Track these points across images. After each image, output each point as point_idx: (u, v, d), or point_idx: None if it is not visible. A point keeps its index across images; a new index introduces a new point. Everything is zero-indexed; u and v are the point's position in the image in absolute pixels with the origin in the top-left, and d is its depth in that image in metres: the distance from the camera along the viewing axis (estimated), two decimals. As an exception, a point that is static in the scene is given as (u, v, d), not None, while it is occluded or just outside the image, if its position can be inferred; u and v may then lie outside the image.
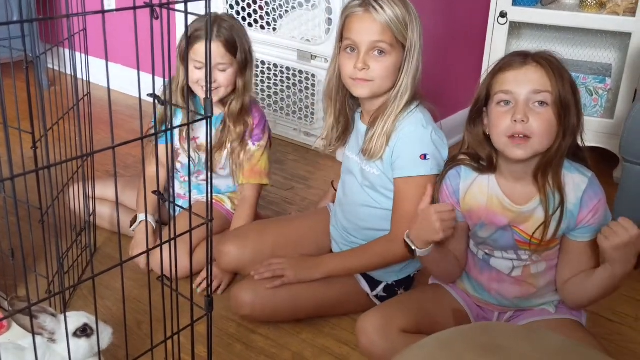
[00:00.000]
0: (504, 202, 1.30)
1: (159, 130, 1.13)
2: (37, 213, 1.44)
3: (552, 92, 1.19)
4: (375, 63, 1.41)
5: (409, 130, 1.43)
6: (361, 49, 1.41)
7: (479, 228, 1.34)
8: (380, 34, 1.39)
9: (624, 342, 1.57)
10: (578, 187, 1.25)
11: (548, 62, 1.22)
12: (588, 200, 1.24)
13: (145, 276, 1.64)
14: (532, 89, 1.20)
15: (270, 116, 2.73)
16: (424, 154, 1.41)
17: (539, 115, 1.20)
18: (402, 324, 1.32)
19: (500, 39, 2.48)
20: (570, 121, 1.22)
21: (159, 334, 1.22)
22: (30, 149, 1.32)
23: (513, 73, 1.23)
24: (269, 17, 2.61)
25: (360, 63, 1.40)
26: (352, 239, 1.59)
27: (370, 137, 1.46)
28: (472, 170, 1.33)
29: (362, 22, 1.41)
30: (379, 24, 1.39)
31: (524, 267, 1.34)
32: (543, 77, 1.20)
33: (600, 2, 2.35)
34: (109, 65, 0.98)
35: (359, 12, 1.41)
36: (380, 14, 1.39)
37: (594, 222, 1.25)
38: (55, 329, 1.13)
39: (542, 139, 1.21)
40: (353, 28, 1.42)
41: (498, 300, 1.39)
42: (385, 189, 1.49)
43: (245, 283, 1.55)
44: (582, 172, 1.27)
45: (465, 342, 0.70)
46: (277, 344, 1.53)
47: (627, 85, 2.31)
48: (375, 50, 1.41)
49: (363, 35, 1.40)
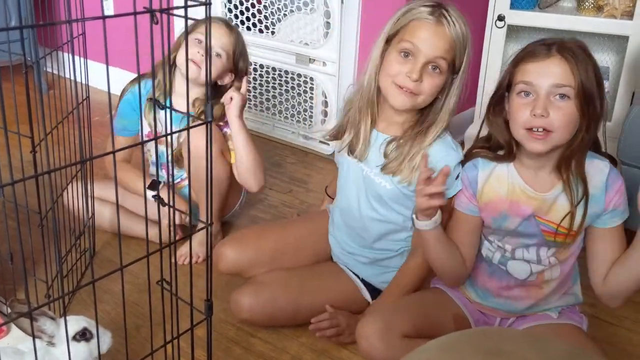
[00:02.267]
0: (527, 190, 1.28)
1: (159, 135, 1.13)
2: (36, 217, 1.43)
3: (575, 86, 1.17)
4: (428, 78, 1.35)
5: (442, 156, 1.38)
6: (419, 59, 1.33)
7: (502, 220, 1.31)
8: (444, 51, 1.33)
9: (622, 344, 1.57)
10: (602, 172, 1.24)
11: (572, 54, 1.18)
12: (612, 182, 1.24)
13: (145, 280, 1.63)
14: (553, 82, 1.18)
15: (268, 119, 2.74)
16: (458, 174, 1.37)
17: (560, 109, 1.18)
18: (403, 328, 1.32)
19: (498, 43, 2.48)
20: (594, 113, 1.20)
21: (159, 338, 1.22)
22: (30, 153, 1.32)
23: (535, 64, 1.20)
24: (267, 21, 2.62)
25: (416, 74, 1.33)
26: (350, 249, 1.58)
27: (397, 156, 1.41)
28: (490, 161, 1.31)
29: (430, 31, 1.33)
30: (448, 40, 1.33)
31: (539, 274, 1.33)
32: (566, 71, 1.17)
33: (597, 5, 2.36)
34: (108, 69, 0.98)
35: (430, 20, 1.33)
36: (452, 29, 1.32)
37: (621, 205, 1.25)
38: (55, 333, 1.13)
39: (562, 133, 1.19)
40: (419, 35, 1.33)
41: (504, 306, 1.39)
42: (395, 202, 1.46)
43: (245, 287, 1.54)
44: (600, 158, 1.27)
45: (468, 347, 0.70)
46: (277, 348, 1.53)
47: (625, 88, 2.32)
48: (432, 65, 1.34)
49: (428, 46, 1.33)
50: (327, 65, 2.49)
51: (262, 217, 2.10)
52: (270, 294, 1.51)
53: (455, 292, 1.45)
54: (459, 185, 1.36)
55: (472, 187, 1.33)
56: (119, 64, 2.98)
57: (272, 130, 2.74)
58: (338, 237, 1.61)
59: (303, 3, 2.46)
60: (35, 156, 1.29)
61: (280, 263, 1.61)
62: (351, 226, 1.56)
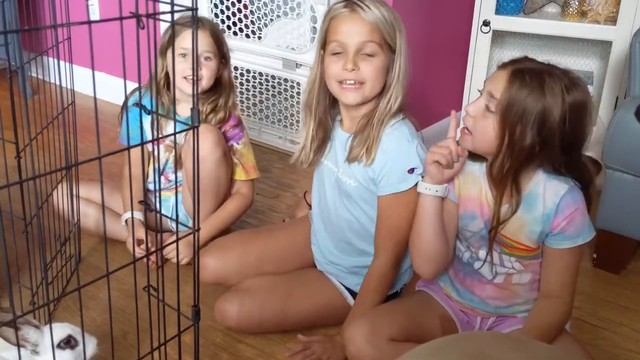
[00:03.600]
0: (487, 195, 1.30)
1: (148, 140, 1.12)
2: (20, 223, 1.42)
3: (499, 100, 1.19)
4: (365, 64, 1.37)
5: (394, 146, 1.40)
6: (349, 51, 1.36)
7: (469, 220, 1.33)
8: (369, 34, 1.35)
9: (608, 347, 1.58)
10: (556, 194, 1.25)
11: (522, 77, 1.18)
12: (564, 206, 1.24)
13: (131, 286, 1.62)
14: (490, 92, 1.21)
15: (255, 124, 2.73)
16: (411, 167, 1.39)
17: (482, 119, 1.22)
18: (390, 331, 1.32)
19: (483, 48, 2.50)
20: (520, 141, 1.18)
21: (145, 345, 1.21)
22: (14, 159, 1.31)
23: (495, 73, 1.24)
24: (254, 26, 2.62)
25: (350, 63, 1.36)
26: (331, 257, 1.58)
27: (358, 142, 1.43)
28: (469, 159, 1.32)
29: (349, 22, 1.36)
30: (368, 23, 1.35)
31: (506, 275, 1.35)
32: (501, 88, 1.18)
33: (581, 10, 2.38)
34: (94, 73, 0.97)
35: (345, 12, 1.37)
36: (368, 12, 1.35)
37: (569, 230, 1.25)
38: (39, 341, 1.12)
39: (477, 139, 1.24)
40: (340, 30, 1.37)
41: (480, 305, 1.40)
42: (362, 200, 1.47)
43: (229, 295, 1.53)
44: (564, 181, 1.26)
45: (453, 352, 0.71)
46: (264, 353, 1.52)
47: (609, 93, 2.35)
48: (361, 52, 1.37)
49: (351, 36, 1.36)
50: (312, 71, 2.49)
51: (249, 223, 2.09)
52: (256, 302, 1.51)
53: (440, 294, 1.46)
54: (413, 180, 1.38)
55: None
56: (105, 68, 2.97)
57: (259, 135, 2.73)
58: (321, 245, 1.61)
59: (290, 8, 2.46)
60: (20, 162, 1.28)
61: (264, 271, 1.60)
62: (330, 232, 1.57)
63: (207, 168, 1.73)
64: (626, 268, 1.89)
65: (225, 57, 1.82)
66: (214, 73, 1.78)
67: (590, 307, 1.72)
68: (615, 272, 1.86)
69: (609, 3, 2.32)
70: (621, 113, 1.70)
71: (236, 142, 1.86)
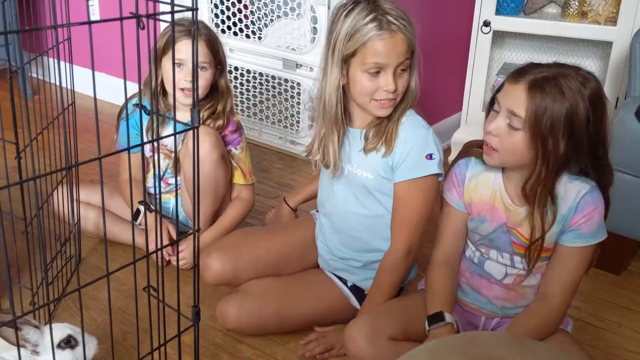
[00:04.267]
0: (505, 198, 1.31)
1: (146, 141, 1.12)
2: (20, 223, 1.42)
3: (525, 118, 1.18)
4: (400, 80, 1.39)
5: (413, 133, 1.42)
6: (388, 71, 1.36)
7: (479, 223, 1.34)
8: (405, 53, 1.37)
9: (608, 348, 1.58)
10: (578, 193, 1.26)
11: (541, 91, 1.18)
12: (584, 205, 1.25)
13: (131, 286, 1.62)
14: (510, 109, 1.20)
15: (255, 125, 2.73)
16: (429, 153, 1.40)
17: (510, 136, 1.21)
18: (390, 331, 1.33)
19: (483, 48, 2.50)
20: (547, 151, 1.20)
21: (145, 345, 1.21)
22: (14, 159, 1.31)
23: (509, 87, 1.22)
24: (254, 26, 2.62)
25: (392, 85, 1.36)
26: (341, 254, 1.58)
27: (374, 134, 1.44)
28: (481, 164, 1.34)
29: (389, 45, 1.35)
30: (405, 42, 1.36)
31: (516, 276, 1.35)
32: (523, 104, 1.18)
33: (581, 11, 2.38)
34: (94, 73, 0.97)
35: (384, 35, 1.34)
36: (404, 31, 1.35)
37: (585, 229, 1.26)
38: (39, 341, 1.12)
39: (505, 155, 1.24)
40: (379, 52, 1.35)
41: (486, 305, 1.40)
42: (379, 192, 1.47)
43: (230, 297, 1.53)
44: (585, 181, 1.27)
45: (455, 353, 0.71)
46: (264, 353, 1.52)
47: (609, 93, 2.34)
48: (401, 67, 1.37)
49: (392, 57, 1.35)
50: (314, 71, 2.49)
51: (249, 223, 2.09)
52: (256, 303, 1.51)
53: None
54: (430, 166, 1.39)
55: (462, 185, 1.36)
56: (105, 69, 2.97)
57: (259, 136, 2.73)
58: (329, 242, 1.60)
59: (290, 9, 2.46)
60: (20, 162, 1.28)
61: (268, 272, 1.59)
62: (340, 230, 1.56)
63: (205, 170, 1.73)
64: (627, 269, 1.89)
65: (221, 64, 1.82)
66: (208, 82, 1.78)
67: (590, 307, 1.72)
68: (616, 272, 1.86)
69: (609, 3, 2.32)
70: (622, 113, 1.70)
71: (234, 147, 1.87)
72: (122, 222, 1.89)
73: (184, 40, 1.71)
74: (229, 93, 1.84)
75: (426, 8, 2.51)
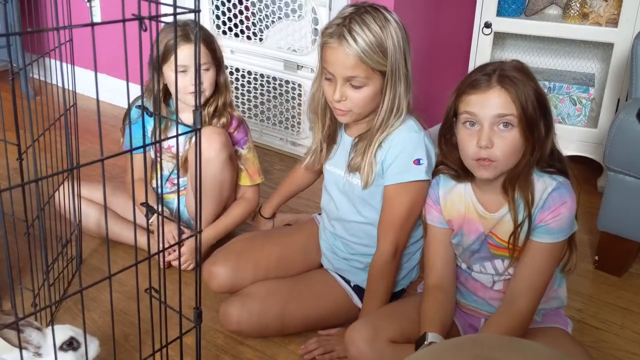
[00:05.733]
0: (478, 208, 1.32)
1: (150, 142, 1.12)
2: (22, 225, 1.42)
3: (517, 114, 1.20)
4: (353, 93, 1.37)
5: (402, 137, 1.42)
6: (337, 80, 1.37)
7: (460, 236, 1.35)
8: (353, 69, 1.34)
9: (610, 350, 1.58)
10: (545, 190, 1.26)
11: (512, 83, 1.20)
12: (551, 201, 1.25)
13: (133, 288, 1.63)
14: (496, 113, 1.20)
15: (256, 126, 2.73)
16: (417, 158, 1.40)
17: (504, 138, 1.21)
18: (391, 334, 1.33)
19: (485, 49, 2.50)
20: (539, 136, 1.23)
21: (147, 347, 1.21)
22: (16, 161, 1.31)
23: (477, 96, 1.22)
24: (255, 28, 2.62)
25: (337, 94, 1.37)
26: (343, 254, 1.58)
27: (358, 151, 1.45)
28: (450, 179, 1.35)
29: (335, 54, 1.35)
30: (352, 59, 1.33)
31: (504, 281, 1.35)
32: (507, 101, 1.20)
33: (582, 12, 2.38)
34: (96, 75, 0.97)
35: (332, 43, 1.35)
36: (353, 47, 1.32)
37: (553, 225, 1.25)
38: (41, 343, 1.12)
39: (507, 160, 1.23)
40: (328, 59, 1.37)
41: (484, 306, 1.40)
42: (375, 200, 1.48)
43: (233, 299, 1.53)
44: (553, 178, 1.27)
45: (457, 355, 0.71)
46: (266, 355, 1.52)
47: (610, 95, 2.35)
48: (352, 82, 1.36)
49: (338, 68, 1.36)
50: (315, 72, 2.49)
51: (249, 224, 2.09)
52: (259, 305, 1.50)
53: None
54: (418, 171, 1.39)
55: (437, 203, 1.38)
56: (107, 70, 2.97)
57: (260, 137, 2.74)
58: (331, 243, 1.61)
59: (291, 10, 2.46)
60: (22, 164, 1.28)
61: (271, 276, 1.59)
62: (341, 234, 1.57)
63: (212, 170, 1.73)
64: (628, 270, 1.89)
65: (219, 62, 1.83)
66: (213, 81, 1.78)
67: (592, 309, 1.72)
68: (617, 274, 1.86)
69: (611, 5, 2.32)
70: (623, 115, 1.70)
71: (241, 147, 1.87)
72: (122, 221, 1.89)
73: (184, 45, 1.71)
74: (227, 88, 1.85)
75: (427, 9, 2.51)
